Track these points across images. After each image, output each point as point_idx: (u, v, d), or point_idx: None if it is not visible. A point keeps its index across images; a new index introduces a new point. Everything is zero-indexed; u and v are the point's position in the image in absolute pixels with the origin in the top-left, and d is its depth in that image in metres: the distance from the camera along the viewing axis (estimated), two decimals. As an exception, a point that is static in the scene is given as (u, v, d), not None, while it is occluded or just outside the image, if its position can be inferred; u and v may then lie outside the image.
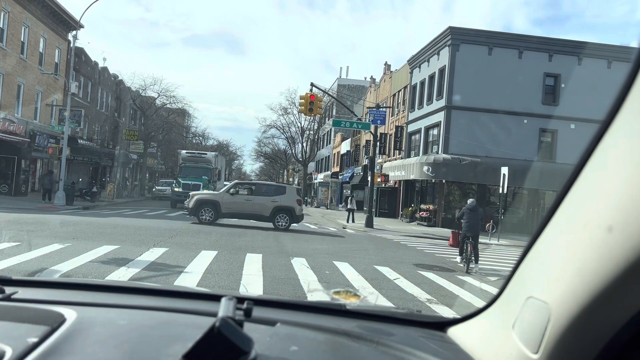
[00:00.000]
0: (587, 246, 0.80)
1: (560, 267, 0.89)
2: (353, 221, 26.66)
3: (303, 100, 23.45)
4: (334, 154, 59.14)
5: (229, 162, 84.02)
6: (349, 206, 27.99)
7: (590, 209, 0.83)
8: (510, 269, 1.15)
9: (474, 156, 26.85)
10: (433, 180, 28.76)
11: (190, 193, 20.30)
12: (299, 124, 59.83)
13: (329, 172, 59.03)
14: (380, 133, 32.64)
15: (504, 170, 20.46)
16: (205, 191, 22.55)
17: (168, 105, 50.04)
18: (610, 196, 0.78)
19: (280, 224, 18.83)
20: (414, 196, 33.05)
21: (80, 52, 33.71)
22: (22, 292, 1.39)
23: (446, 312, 7.04)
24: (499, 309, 1.19)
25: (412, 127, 33.65)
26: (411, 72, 34.72)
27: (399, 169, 32.74)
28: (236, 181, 21.30)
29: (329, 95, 36.07)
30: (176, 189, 28.62)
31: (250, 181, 21.65)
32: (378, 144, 28.77)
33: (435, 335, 1.41)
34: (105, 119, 41.88)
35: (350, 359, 1.16)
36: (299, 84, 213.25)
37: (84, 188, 30.94)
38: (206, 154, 32.73)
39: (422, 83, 32.39)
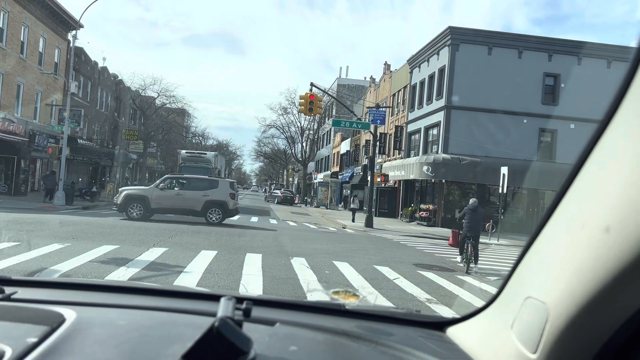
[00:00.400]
0: (585, 246, 0.81)
1: (558, 267, 0.89)
2: (354, 220, 27.14)
3: (303, 100, 23.45)
4: (334, 153, 59.14)
5: (228, 162, 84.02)
6: (352, 205, 28.50)
7: (589, 209, 0.83)
8: (510, 269, 1.15)
9: (474, 156, 26.86)
10: (433, 180, 28.77)
11: (120, 189, 19.96)
12: (298, 124, 59.90)
13: (328, 172, 59.03)
14: (380, 133, 32.64)
15: (504, 170, 20.47)
16: (135, 186, 22.01)
17: (168, 105, 50.02)
18: (608, 196, 0.78)
19: (212, 218, 18.56)
20: (414, 196, 33.06)
21: (79, 52, 33.70)
22: (21, 292, 1.39)
23: (446, 312, 7.04)
24: (498, 309, 1.19)
25: (411, 127, 33.65)
26: (411, 72, 34.72)
27: (398, 168, 32.74)
28: (167, 175, 20.57)
29: (329, 95, 36.10)
30: (176, 189, 28.61)
31: (182, 175, 21.16)
32: (378, 143, 28.79)
33: (434, 335, 1.41)
34: (104, 119, 41.87)
35: (349, 358, 1.16)
36: (299, 83, 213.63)
37: (84, 188, 30.91)
38: (206, 153, 32.78)
39: (422, 83, 32.39)
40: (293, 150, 63.70)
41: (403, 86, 36.80)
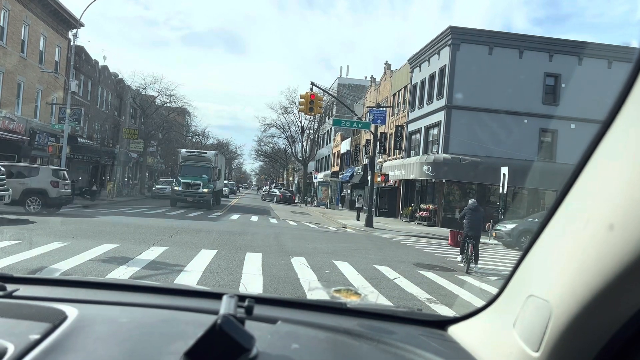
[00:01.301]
0: (588, 245, 0.81)
1: (561, 266, 0.89)
2: (359, 219, 27.70)
3: (303, 100, 23.43)
4: (334, 153, 59.12)
5: (229, 161, 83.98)
6: (357, 205, 30.08)
7: (592, 207, 0.83)
8: (510, 268, 1.15)
9: (474, 156, 26.85)
10: (433, 180, 28.76)
11: None
12: (299, 123, 59.84)
13: (329, 172, 58.99)
14: (380, 132, 32.63)
15: (504, 170, 20.46)
16: None
17: (168, 104, 49.95)
18: (611, 195, 0.78)
19: (31, 207, 17.92)
20: (414, 196, 33.06)
21: (80, 51, 33.68)
22: (23, 290, 1.39)
23: (446, 312, 7.04)
24: (500, 308, 1.19)
25: (412, 127, 33.64)
26: (411, 72, 34.70)
27: (399, 168, 32.74)
28: None
29: (329, 94, 36.03)
30: (176, 188, 28.59)
31: None
32: (378, 143, 28.79)
33: (436, 334, 1.41)
34: (105, 118, 41.85)
35: (351, 357, 1.16)
36: (299, 83, 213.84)
37: (84, 187, 30.92)
38: (206, 152, 32.71)
39: (423, 82, 32.38)
40: (293, 150, 63.68)
41: (403, 86, 36.78)
